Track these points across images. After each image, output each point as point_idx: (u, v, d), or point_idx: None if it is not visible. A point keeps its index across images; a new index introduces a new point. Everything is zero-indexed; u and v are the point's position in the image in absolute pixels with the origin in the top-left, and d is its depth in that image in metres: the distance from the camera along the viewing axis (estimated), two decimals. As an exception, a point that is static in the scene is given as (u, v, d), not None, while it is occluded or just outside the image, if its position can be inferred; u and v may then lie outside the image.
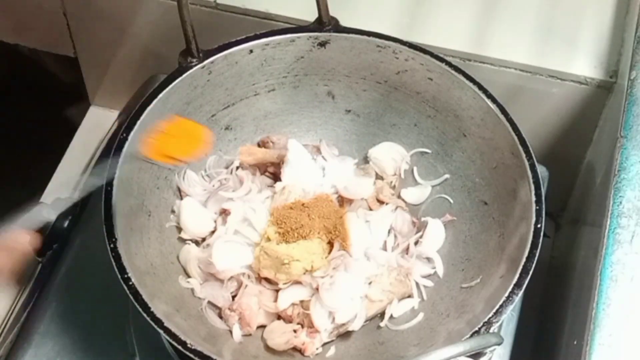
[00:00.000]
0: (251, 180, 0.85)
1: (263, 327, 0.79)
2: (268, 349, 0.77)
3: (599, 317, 0.67)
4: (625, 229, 0.72)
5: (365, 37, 0.83)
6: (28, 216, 0.71)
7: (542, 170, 0.80)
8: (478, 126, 0.81)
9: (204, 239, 0.82)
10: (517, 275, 0.70)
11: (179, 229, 0.82)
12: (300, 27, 0.84)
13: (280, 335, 0.77)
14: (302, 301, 0.78)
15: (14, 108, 1.42)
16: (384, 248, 0.83)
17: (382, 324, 0.78)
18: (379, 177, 0.88)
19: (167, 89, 0.79)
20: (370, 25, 0.84)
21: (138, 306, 0.68)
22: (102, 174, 0.74)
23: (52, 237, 0.86)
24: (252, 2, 0.97)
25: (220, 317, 0.79)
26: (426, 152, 0.87)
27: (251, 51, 0.83)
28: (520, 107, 0.87)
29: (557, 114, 0.97)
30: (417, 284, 0.81)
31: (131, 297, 0.68)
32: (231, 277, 0.79)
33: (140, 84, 1.02)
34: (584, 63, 0.93)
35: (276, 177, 0.86)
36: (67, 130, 1.18)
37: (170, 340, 0.67)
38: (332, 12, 0.83)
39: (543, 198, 0.74)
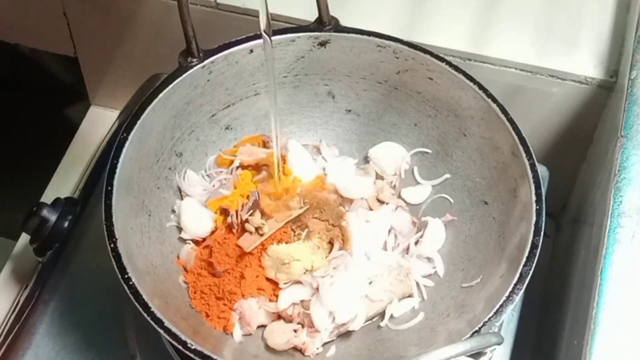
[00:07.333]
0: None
1: (263, 327, 0.79)
2: (268, 348, 0.77)
3: (599, 317, 0.67)
4: (625, 228, 0.72)
5: (365, 37, 0.83)
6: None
7: (542, 170, 0.80)
8: (478, 126, 0.81)
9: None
10: (517, 275, 0.70)
11: (179, 229, 0.82)
12: (300, 27, 0.84)
13: (280, 335, 0.77)
14: (302, 301, 0.78)
15: (14, 108, 1.42)
16: (384, 248, 0.83)
17: (382, 324, 0.78)
18: (379, 177, 0.88)
19: (168, 89, 0.79)
20: (370, 25, 0.84)
21: (138, 306, 0.68)
22: (102, 174, 0.74)
23: (52, 237, 0.86)
24: (252, 2, 0.97)
25: (221, 317, 0.79)
26: (426, 152, 0.87)
27: (251, 51, 0.83)
28: (520, 107, 0.87)
29: (557, 114, 0.97)
30: (417, 283, 0.81)
31: (131, 297, 0.68)
32: (231, 277, 0.79)
33: (140, 84, 1.02)
34: (584, 63, 0.93)
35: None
36: (67, 130, 1.18)
37: (170, 340, 0.67)
38: (332, 12, 0.83)
39: (543, 198, 0.74)
